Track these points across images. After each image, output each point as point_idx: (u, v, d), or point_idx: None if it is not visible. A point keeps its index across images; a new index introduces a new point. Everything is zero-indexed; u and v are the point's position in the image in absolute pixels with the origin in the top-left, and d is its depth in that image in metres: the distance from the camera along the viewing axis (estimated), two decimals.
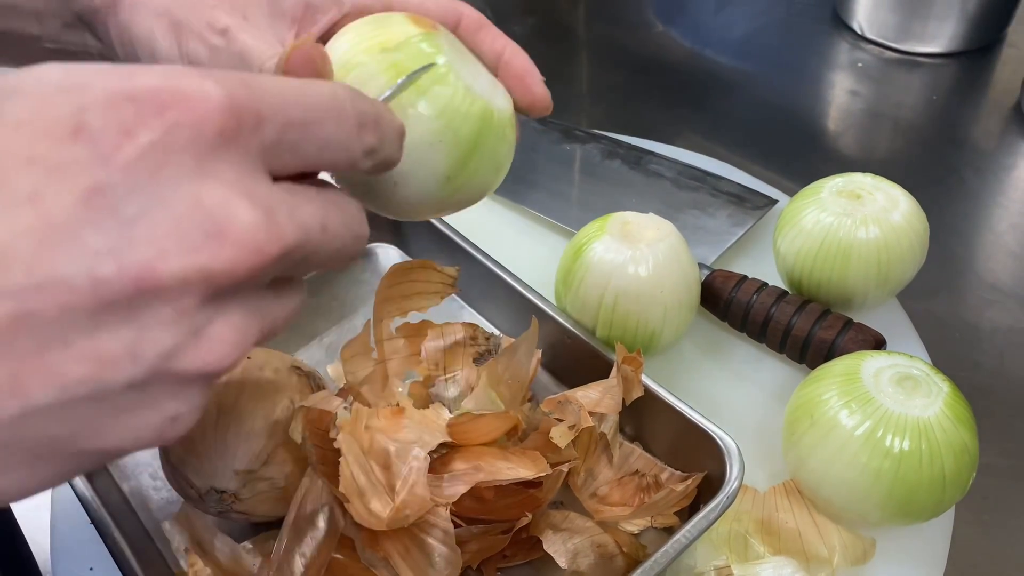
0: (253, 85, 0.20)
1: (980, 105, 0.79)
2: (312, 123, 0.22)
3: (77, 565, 0.43)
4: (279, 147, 0.21)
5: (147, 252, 0.18)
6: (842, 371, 0.42)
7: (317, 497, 0.39)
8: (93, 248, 0.18)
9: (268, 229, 0.19)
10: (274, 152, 0.21)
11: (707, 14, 0.95)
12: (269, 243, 0.19)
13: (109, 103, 0.19)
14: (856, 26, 0.86)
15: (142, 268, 0.18)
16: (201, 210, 0.19)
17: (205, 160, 0.19)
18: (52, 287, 0.17)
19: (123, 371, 0.19)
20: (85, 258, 0.18)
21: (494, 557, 0.41)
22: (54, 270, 0.17)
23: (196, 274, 0.19)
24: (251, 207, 0.19)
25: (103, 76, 0.19)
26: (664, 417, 0.43)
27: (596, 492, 0.43)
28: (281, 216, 0.20)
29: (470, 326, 0.49)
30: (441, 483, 0.38)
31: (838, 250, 0.48)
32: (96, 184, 0.18)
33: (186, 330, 0.19)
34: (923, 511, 0.39)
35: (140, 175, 0.18)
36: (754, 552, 0.42)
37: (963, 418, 0.39)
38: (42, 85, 0.19)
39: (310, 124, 0.22)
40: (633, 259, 0.45)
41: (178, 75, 0.19)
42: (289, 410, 0.40)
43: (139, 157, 0.18)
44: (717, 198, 0.60)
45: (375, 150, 0.24)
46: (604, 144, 0.66)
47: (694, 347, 0.53)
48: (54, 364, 0.18)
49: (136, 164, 0.18)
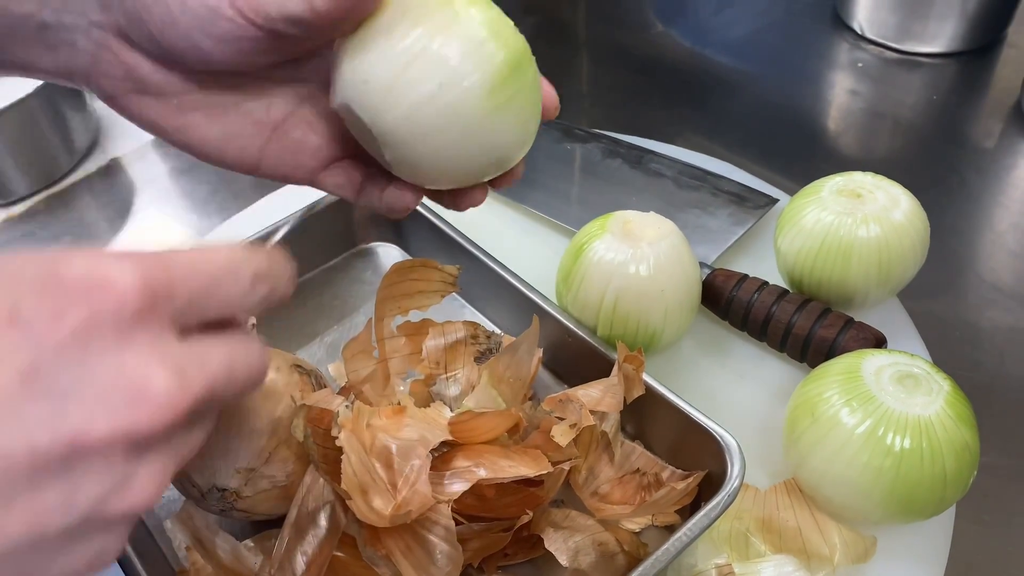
0: (167, 263, 0.23)
1: (980, 105, 0.79)
2: (212, 286, 0.25)
3: None
4: (187, 311, 0.24)
5: (77, 419, 0.21)
6: (843, 369, 0.42)
7: (319, 495, 0.40)
8: (30, 420, 0.20)
9: (181, 387, 0.22)
10: (183, 315, 0.24)
11: (707, 14, 0.95)
12: (182, 399, 0.22)
13: (41, 291, 0.21)
14: (856, 26, 0.86)
15: (74, 434, 0.21)
16: (123, 378, 0.21)
17: (124, 333, 0.22)
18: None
19: (60, 520, 0.21)
20: (23, 430, 0.20)
21: (495, 555, 0.41)
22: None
23: (121, 434, 0.21)
24: (165, 371, 0.22)
25: (33, 265, 0.22)
26: (665, 415, 0.43)
27: (597, 490, 0.43)
28: (191, 371, 0.23)
29: (471, 325, 0.49)
30: (442, 481, 0.38)
31: (839, 249, 0.48)
32: (32, 364, 0.20)
33: (114, 480, 0.22)
34: (924, 509, 0.39)
35: (69, 353, 0.21)
36: (755, 550, 0.42)
37: (964, 416, 0.39)
38: None
39: (211, 286, 0.25)
40: (634, 258, 0.45)
41: (102, 261, 0.22)
42: (291, 408, 0.40)
43: (68, 337, 0.21)
44: (718, 197, 0.60)
45: (268, 296, 0.27)
46: (605, 143, 0.66)
47: (695, 346, 0.53)
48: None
49: (67, 343, 0.21)
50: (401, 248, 0.60)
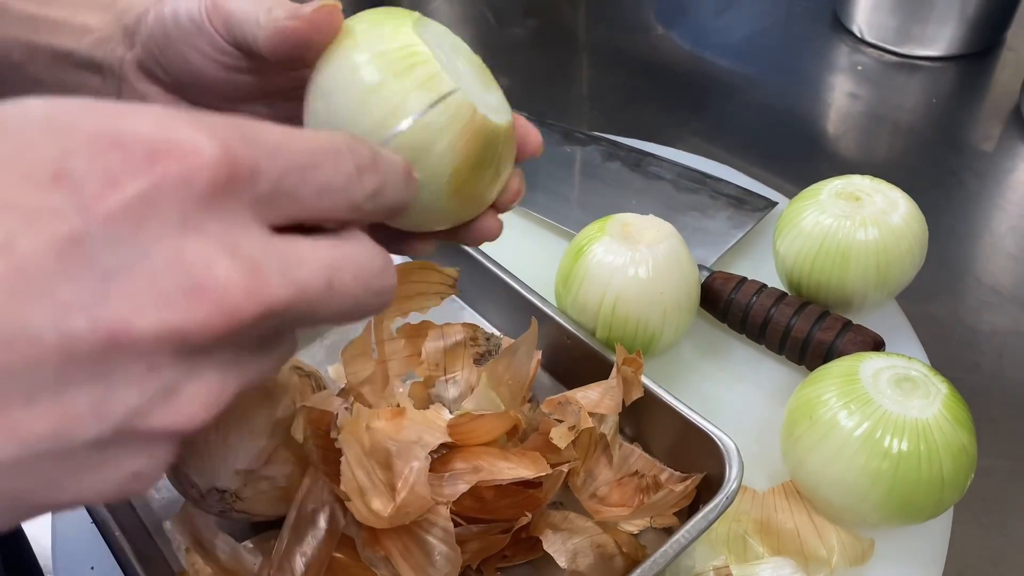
0: (250, 136, 0.20)
1: (979, 108, 0.79)
2: (309, 167, 0.21)
3: (78, 564, 0.44)
4: (275, 197, 0.20)
5: (121, 308, 0.17)
6: (841, 372, 0.42)
7: (318, 496, 0.40)
8: (65, 302, 0.17)
9: (250, 287, 0.18)
10: (270, 202, 0.20)
11: (707, 17, 0.95)
12: (249, 301, 0.18)
13: (95, 149, 0.18)
14: (856, 29, 0.86)
15: (115, 324, 0.17)
16: (181, 266, 0.18)
17: (191, 215, 0.18)
18: (18, 341, 0.17)
19: (87, 429, 0.18)
20: (56, 312, 0.17)
21: (494, 557, 0.41)
22: (22, 323, 0.17)
23: (170, 332, 0.18)
24: (233, 264, 0.18)
25: (91, 115, 0.18)
26: (664, 418, 0.43)
27: (596, 492, 0.44)
28: (270, 273, 0.19)
29: (470, 327, 0.49)
30: (441, 482, 0.38)
31: (837, 252, 0.48)
32: (74, 234, 0.17)
33: (156, 389, 0.18)
34: (921, 512, 0.40)
35: (121, 228, 0.17)
36: (753, 552, 0.42)
37: (961, 419, 0.40)
38: (24, 121, 0.18)
39: (307, 169, 0.21)
40: (633, 260, 0.46)
41: (172, 123, 0.19)
42: (290, 410, 0.40)
43: (122, 209, 0.17)
44: (717, 200, 0.61)
45: (378, 192, 0.23)
46: (604, 146, 0.67)
47: (694, 348, 0.53)
48: (16, 420, 0.17)
49: (118, 216, 0.17)
50: None
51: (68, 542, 0.44)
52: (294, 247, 0.20)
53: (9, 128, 0.18)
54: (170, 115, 0.19)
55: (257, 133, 0.20)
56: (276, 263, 0.19)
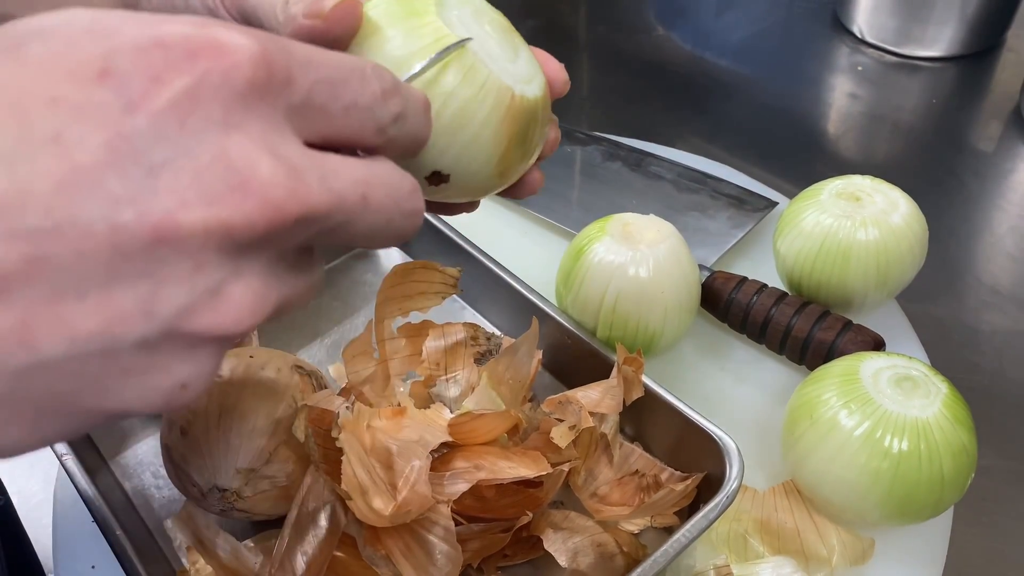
0: (283, 44, 0.20)
1: (979, 109, 0.79)
2: (338, 82, 0.21)
3: (79, 563, 0.44)
4: (307, 108, 0.21)
5: (168, 202, 0.18)
6: (841, 372, 0.42)
7: (319, 495, 0.40)
8: (114, 194, 0.17)
9: (292, 187, 0.19)
10: (301, 113, 0.20)
11: (708, 17, 0.96)
12: (292, 201, 0.19)
13: (139, 48, 0.18)
14: (856, 30, 0.86)
15: (163, 217, 0.17)
16: (225, 162, 0.18)
17: (233, 112, 0.19)
18: (70, 231, 0.17)
19: (136, 328, 0.18)
20: (105, 204, 0.17)
21: (495, 556, 0.41)
22: (73, 214, 0.17)
23: (216, 226, 0.18)
24: (275, 163, 0.19)
25: (133, 22, 0.19)
26: (664, 417, 0.43)
27: (596, 492, 0.44)
28: (310, 178, 0.19)
29: (471, 326, 0.49)
30: (442, 481, 0.38)
31: (837, 252, 0.48)
32: (121, 130, 0.17)
33: (203, 288, 0.19)
34: (922, 511, 0.40)
35: (167, 123, 0.18)
36: (753, 552, 0.42)
37: (962, 419, 0.40)
38: (70, 27, 0.18)
39: (336, 83, 0.21)
40: (633, 260, 0.46)
41: (209, 24, 0.19)
42: (291, 409, 0.40)
43: (167, 105, 0.18)
44: (717, 200, 0.61)
45: (401, 116, 0.23)
46: (605, 146, 0.67)
47: (694, 348, 0.53)
48: (66, 316, 0.17)
49: (163, 112, 0.18)
50: (402, 250, 0.60)
51: (69, 541, 0.44)
52: (328, 160, 0.21)
53: (54, 31, 0.18)
54: (208, 20, 0.19)
55: (289, 44, 0.20)
56: (315, 170, 0.20)
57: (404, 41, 0.28)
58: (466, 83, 0.29)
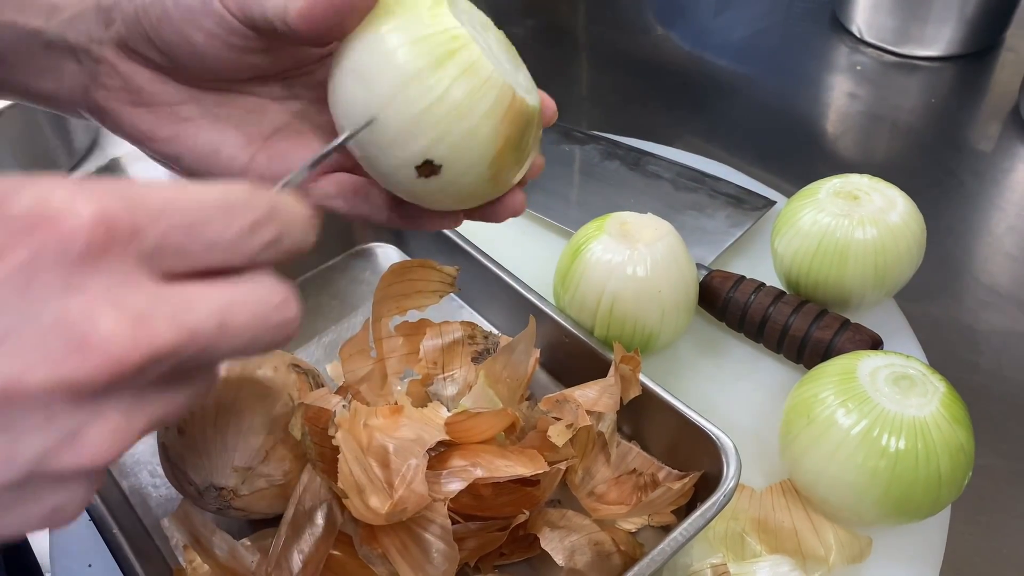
0: (130, 196, 0.21)
1: (978, 108, 0.79)
2: (196, 224, 0.22)
3: (76, 562, 0.44)
4: (161, 251, 0.21)
5: (12, 365, 0.19)
6: (839, 371, 0.42)
7: (315, 494, 0.40)
8: None
9: (133, 335, 0.20)
10: (157, 257, 0.21)
11: (707, 17, 0.96)
12: (134, 350, 0.20)
13: None
14: (855, 29, 0.86)
15: (9, 380, 0.19)
16: (66, 324, 0.20)
17: (73, 275, 0.20)
18: None
19: (2, 474, 0.20)
20: None
21: (491, 554, 0.41)
22: None
23: (59, 384, 0.19)
24: (117, 315, 0.20)
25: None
26: (662, 416, 0.43)
27: (593, 490, 0.44)
28: (158, 320, 0.20)
29: (468, 325, 0.49)
30: (439, 480, 0.38)
31: (835, 251, 0.48)
32: None
33: (58, 434, 0.20)
34: (919, 510, 0.40)
35: (7, 294, 0.19)
36: (750, 551, 0.42)
37: (959, 418, 0.40)
38: None
39: (194, 226, 0.22)
40: (631, 259, 0.46)
41: (52, 194, 0.20)
42: (288, 407, 0.40)
43: (6, 277, 0.19)
44: (715, 199, 0.61)
45: (275, 241, 0.24)
46: (603, 145, 0.67)
47: (692, 347, 0.53)
48: None
49: (4, 284, 0.19)
50: (399, 248, 0.60)
51: (66, 540, 0.44)
52: (185, 293, 0.22)
53: None
54: (53, 186, 0.20)
55: (141, 194, 0.21)
56: (165, 309, 0.21)
57: (411, 27, 0.29)
58: (471, 74, 0.29)
